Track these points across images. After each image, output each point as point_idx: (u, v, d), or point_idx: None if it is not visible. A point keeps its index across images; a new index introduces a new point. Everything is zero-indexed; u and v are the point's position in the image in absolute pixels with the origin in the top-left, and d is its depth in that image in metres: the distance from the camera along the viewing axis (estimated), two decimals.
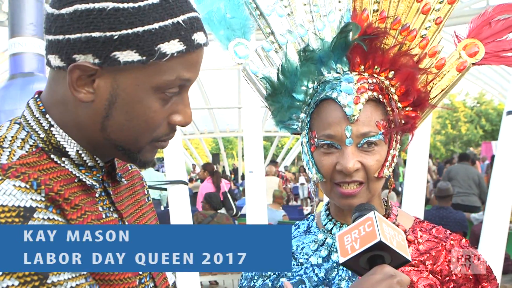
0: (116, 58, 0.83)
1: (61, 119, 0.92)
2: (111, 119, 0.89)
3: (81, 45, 0.83)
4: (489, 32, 1.26)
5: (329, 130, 1.16)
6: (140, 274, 0.98)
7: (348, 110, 1.14)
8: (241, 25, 1.31)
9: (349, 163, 1.13)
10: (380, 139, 1.16)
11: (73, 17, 0.83)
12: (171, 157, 3.96)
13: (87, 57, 0.84)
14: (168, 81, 0.87)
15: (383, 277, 0.92)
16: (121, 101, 0.87)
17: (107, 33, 0.82)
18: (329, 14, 1.28)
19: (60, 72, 0.88)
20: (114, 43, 0.82)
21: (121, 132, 0.90)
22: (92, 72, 0.85)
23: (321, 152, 1.19)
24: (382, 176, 1.18)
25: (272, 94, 1.26)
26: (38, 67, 3.87)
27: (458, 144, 30.19)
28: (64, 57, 0.85)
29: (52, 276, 0.78)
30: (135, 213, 1.07)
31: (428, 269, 1.20)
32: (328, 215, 1.30)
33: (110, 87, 0.86)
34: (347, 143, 1.14)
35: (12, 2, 3.87)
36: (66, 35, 0.84)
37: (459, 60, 1.26)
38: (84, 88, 0.86)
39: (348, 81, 1.17)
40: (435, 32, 1.26)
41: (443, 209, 6.12)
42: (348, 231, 1.00)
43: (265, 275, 1.29)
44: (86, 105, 0.88)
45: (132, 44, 0.83)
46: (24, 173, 0.81)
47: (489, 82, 16.76)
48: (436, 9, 1.25)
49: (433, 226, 1.29)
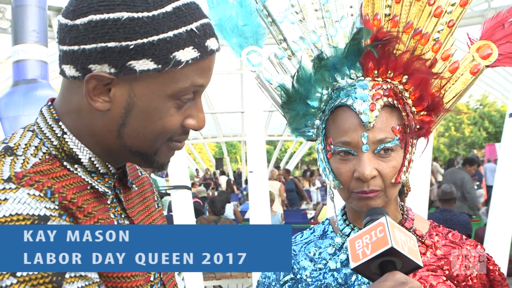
0: (132, 67, 0.84)
1: (75, 127, 0.93)
2: (128, 126, 0.90)
3: (97, 55, 0.84)
4: (503, 33, 1.25)
5: (345, 137, 1.15)
6: (152, 281, 0.98)
7: (364, 117, 1.13)
8: (254, 32, 1.31)
9: (366, 169, 1.12)
10: (397, 145, 1.15)
11: (88, 27, 0.84)
12: (174, 162, 3.97)
13: (103, 67, 0.84)
14: (183, 88, 0.88)
15: (394, 284, 0.91)
16: (138, 109, 0.88)
17: (123, 42, 0.83)
18: (341, 19, 1.27)
19: (75, 82, 0.89)
20: (129, 52, 0.83)
21: (136, 139, 0.91)
22: (108, 82, 0.86)
23: (337, 159, 1.18)
24: (399, 181, 1.17)
25: (287, 102, 1.25)
26: (41, 74, 3.89)
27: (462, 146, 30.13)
28: (79, 67, 0.86)
29: (66, 284, 0.78)
30: (145, 220, 1.08)
31: (446, 274, 1.19)
32: (346, 220, 1.29)
33: (127, 95, 0.87)
34: (363, 150, 1.14)
35: (15, 9, 3.90)
36: (81, 45, 0.84)
37: (472, 62, 1.25)
38: (100, 97, 0.87)
39: (363, 88, 1.17)
40: (448, 35, 1.24)
41: (447, 212, 6.10)
42: (359, 236, 0.99)
43: (283, 282, 1.28)
44: (102, 114, 0.89)
45: (147, 53, 0.84)
46: (38, 182, 0.81)
47: (492, 84, 16.73)
48: (448, 11, 1.23)
49: (449, 230, 1.28)
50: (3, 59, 11.00)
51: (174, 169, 3.96)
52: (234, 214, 8.92)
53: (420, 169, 3.63)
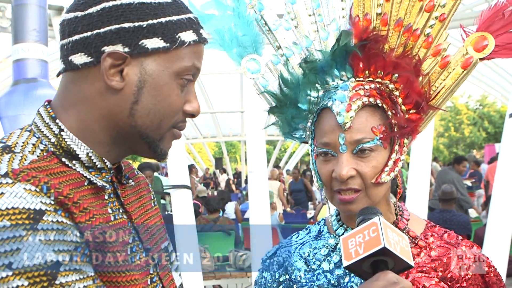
0: (144, 46, 0.92)
1: (80, 118, 0.96)
2: (140, 103, 0.95)
3: (111, 36, 0.91)
4: (501, 23, 1.21)
5: (325, 138, 1.17)
6: (151, 273, 1.00)
7: (340, 118, 1.15)
8: (252, 41, 1.35)
9: (343, 170, 1.13)
10: (377, 145, 1.15)
11: (101, 13, 0.91)
12: (174, 161, 3.97)
13: (116, 47, 0.91)
14: (187, 67, 0.97)
15: (386, 283, 0.92)
16: (149, 85, 0.95)
17: (136, 23, 0.91)
18: (332, 22, 1.29)
19: (83, 71, 0.94)
20: (142, 31, 0.92)
21: (147, 117, 0.96)
22: (121, 62, 0.92)
23: (320, 160, 1.20)
24: (380, 182, 1.16)
25: (277, 106, 1.28)
26: (41, 73, 3.89)
27: (462, 147, 30.14)
28: (92, 51, 0.92)
29: (61, 277, 0.80)
30: (142, 216, 1.09)
31: (439, 276, 1.19)
32: (339, 220, 1.30)
33: (139, 73, 0.94)
34: (341, 151, 1.15)
35: (15, 8, 3.90)
36: (95, 30, 0.91)
37: (464, 56, 1.22)
38: (114, 77, 0.93)
39: (343, 89, 1.18)
40: (440, 30, 1.22)
41: (446, 212, 6.11)
42: (352, 235, 1.00)
43: (279, 282, 1.29)
44: (114, 94, 0.94)
45: (158, 32, 0.93)
46: (34, 177, 0.83)
47: (492, 84, 16.73)
48: (441, 5, 1.21)
49: (445, 231, 1.28)
50: (3, 58, 11.00)
51: (174, 169, 3.97)
52: (235, 213, 8.93)
53: (420, 169, 3.63)
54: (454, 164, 9.09)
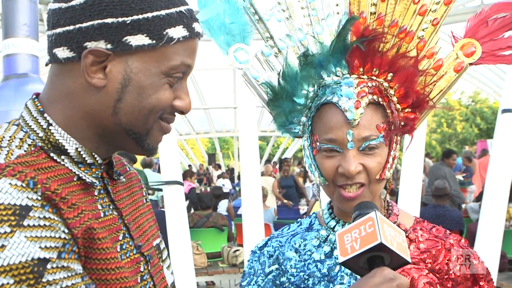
0: (128, 43, 0.88)
1: (65, 115, 0.93)
2: (123, 101, 0.91)
3: (94, 32, 0.87)
4: (486, 31, 1.26)
5: (330, 134, 1.17)
6: (142, 271, 0.98)
7: (349, 115, 1.15)
8: (241, 30, 1.32)
9: (351, 166, 1.14)
10: (381, 142, 1.17)
11: (84, 6, 0.87)
12: (167, 157, 3.95)
13: (99, 43, 0.87)
14: (175, 65, 0.93)
15: (382, 280, 0.91)
16: (134, 84, 0.91)
17: (119, 18, 0.87)
18: (327, 17, 1.28)
19: (67, 65, 0.91)
20: (126, 27, 0.87)
21: (131, 115, 0.93)
22: (103, 59, 0.88)
23: (323, 156, 1.20)
24: (384, 178, 1.19)
25: (273, 99, 1.27)
26: (32, 68, 3.86)
27: (454, 143, 30.28)
28: (74, 46, 0.88)
29: (48, 274, 0.78)
30: (134, 212, 1.07)
31: (428, 267, 1.21)
32: (331, 213, 1.31)
33: (123, 71, 0.90)
34: (348, 147, 1.15)
35: (6, 3, 3.86)
36: (77, 24, 0.87)
37: (456, 60, 1.26)
38: (96, 74, 0.89)
39: (348, 85, 1.18)
40: (432, 33, 1.26)
41: (439, 207, 6.13)
42: (348, 230, 0.99)
43: (268, 272, 1.29)
44: (97, 91, 0.91)
45: (143, 28, 0.88)
46: (21, 172, 0.81)
47: (484, 80, 16.82)
48: (433, 10, 1.25)
49: (433, 226, 1.30)
50: None
51: (166, 165, 3.95)
52: (228, 211, 8.91)
53: (412, 165, 3.64)
54: (444, 158, 9.13)
